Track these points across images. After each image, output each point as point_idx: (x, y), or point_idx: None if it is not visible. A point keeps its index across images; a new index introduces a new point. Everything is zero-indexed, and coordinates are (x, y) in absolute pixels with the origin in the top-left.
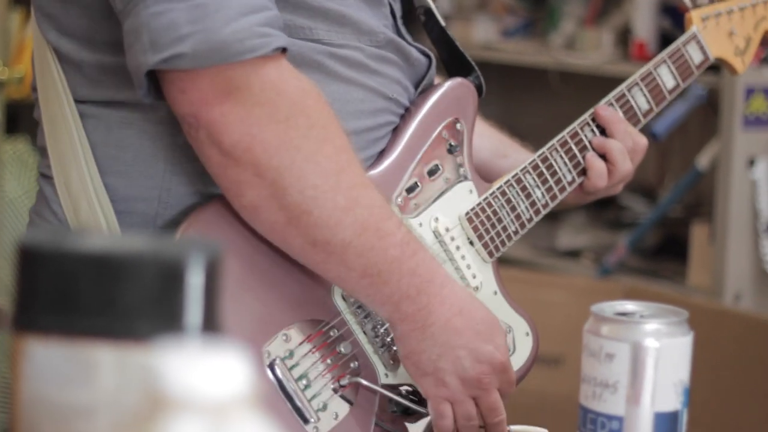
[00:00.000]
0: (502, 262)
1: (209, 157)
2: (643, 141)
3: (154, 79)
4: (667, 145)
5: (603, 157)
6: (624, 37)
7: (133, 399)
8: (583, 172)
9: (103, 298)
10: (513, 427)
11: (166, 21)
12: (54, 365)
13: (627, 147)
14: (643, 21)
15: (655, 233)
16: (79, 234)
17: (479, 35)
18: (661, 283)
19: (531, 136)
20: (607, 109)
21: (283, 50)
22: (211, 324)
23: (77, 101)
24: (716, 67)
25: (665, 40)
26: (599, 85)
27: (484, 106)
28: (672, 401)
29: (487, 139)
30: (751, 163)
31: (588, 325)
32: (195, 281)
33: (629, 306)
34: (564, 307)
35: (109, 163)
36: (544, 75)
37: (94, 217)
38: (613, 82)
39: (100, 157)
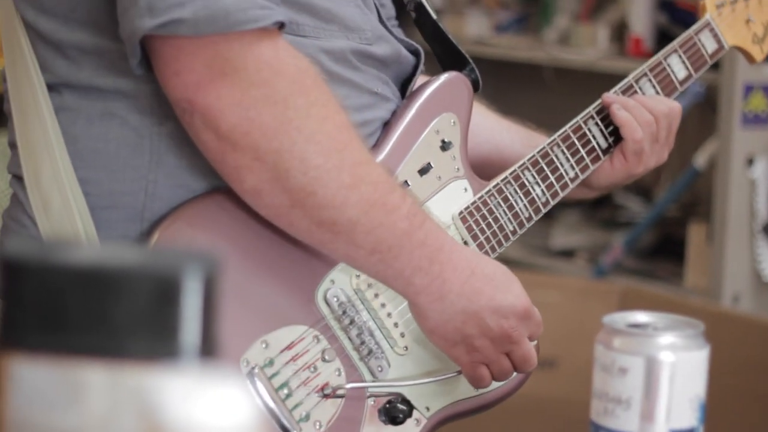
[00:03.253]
0: None
1: (206, 143)
2: (676, 105)
3: (147, 57)
4: None
5: None
6: (620, 32)
7: (126, 424)
8: (587, 167)
9: (92, 314)
10: None
11: None
12: (41, 386)
13: (659, 111)
14: (639, 16)
15: (652, 233)
16: (67, 245)
17: (472, 30)
18: (657, 285)
19: None
20: (613, 95)
21: (281, 26)
22: (208, 342)
23: (56, 86)
24: (715, 64)
25: (662, 35)
26: (595, 81)
27: (476, 102)
28: (688, 418)
29: (516, 133)
30: (750, 161)
31: (599, 337)
32: (192, 296)
33: (642, 317)
34: (558, 309)
35: (91, 157)
36: (538, 71)
37: (67, 213)
38: (609, 78)
39: (81, 151)
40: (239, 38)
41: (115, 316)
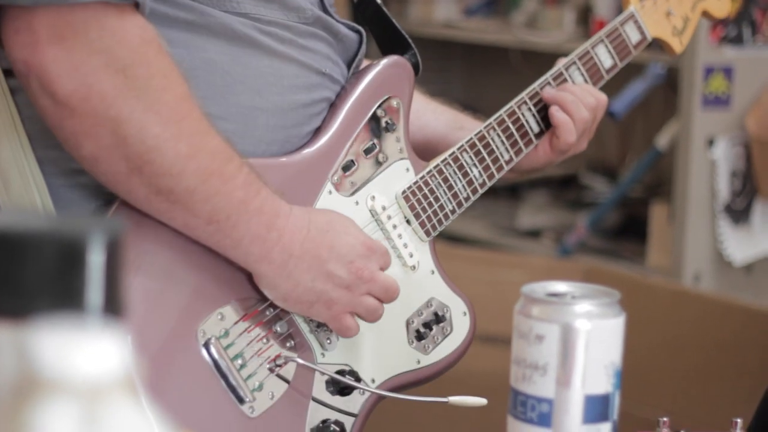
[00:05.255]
0: (461, 242)
1: (44, 108)
2: (603, 97)
3: None
4: (628, 125)
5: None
6: (585, 15)
7: (6, 376)
8: (520, 150)
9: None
10: (452, 398)
11: None
12: None
13: (588, 103)
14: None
15: (616, 213)
16: None
17: (441, 13)
18: (620, 264)
19: (493, 114)
20: (551, 90)
21: (136, 5)
22: (112, 304)
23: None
24: None
25: None
26: None
27: (445, 84)
28: (603, 384)
29: (441, 114)
30: (710, 143)
31: (518, 306)
32: (95, 260)
33: (561, 286)
34: None
35: (48, 137)
36: (506, 53)
37: (27, 192)
38: None
39: (38, 132)
40: (84, 7)
41: (21, 278)
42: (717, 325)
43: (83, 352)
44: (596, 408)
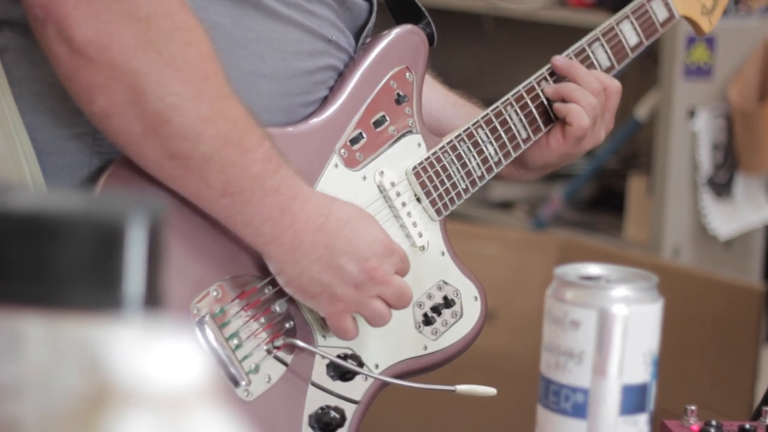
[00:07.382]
0: None
1: (57, 57)
2: (614, 83)
3: None
4: None
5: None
6: None
7: (68, 378)
8: (539, 129)
9: (33, 263)
10: (460, 387)
11: None
12: None
13: (593, 89)
14: None
15: (591, 185)
16: (6, 190)
17: None
18: (597, 237)
19: (465, 82)
20: (562, 58)
21: None
22: (153, 293)
23: None
24: None
25: None
26: (535, 31)
27: None
28: (641, 373)
29: (461, 107)
30: (691, 114)
31: (551, 290)
32: (136, 244)
33: (595, 269)
34: (497, 261)
35: (36, 101)
36: (478, 20)
37: (13, 158)
38: (549, 28)
39: (25, 95)
40: None
41: (57, 264)
42: (696, 300)
43: (160, 355)
44: (634, 398)
